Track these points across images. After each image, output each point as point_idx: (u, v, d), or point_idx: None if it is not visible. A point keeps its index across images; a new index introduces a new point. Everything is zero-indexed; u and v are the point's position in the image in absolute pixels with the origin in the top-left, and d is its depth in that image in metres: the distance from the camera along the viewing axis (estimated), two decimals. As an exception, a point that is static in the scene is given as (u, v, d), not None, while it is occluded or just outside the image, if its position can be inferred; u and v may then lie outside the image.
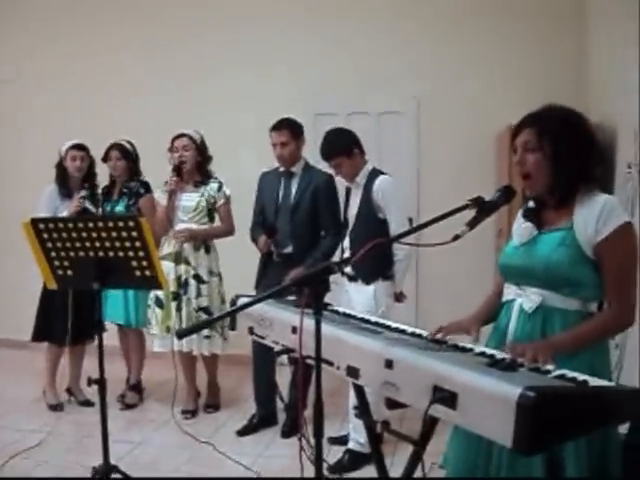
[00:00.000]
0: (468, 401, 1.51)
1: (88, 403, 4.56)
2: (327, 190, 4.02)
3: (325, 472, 3.48)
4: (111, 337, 4.54)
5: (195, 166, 4.33)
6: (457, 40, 5.25)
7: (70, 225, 2.91)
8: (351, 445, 3.72)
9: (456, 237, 1.94)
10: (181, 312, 4.24)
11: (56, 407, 4.53)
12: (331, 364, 1.93)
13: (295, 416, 4.19)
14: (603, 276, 1.94)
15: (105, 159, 4.57)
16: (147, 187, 4.59)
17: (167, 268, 4.19)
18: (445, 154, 5.30)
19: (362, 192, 3.71)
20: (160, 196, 4.36)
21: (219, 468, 3.61)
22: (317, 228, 4.06)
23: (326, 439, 3.93)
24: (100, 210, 4.54)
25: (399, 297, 3.84)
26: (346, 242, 3.83)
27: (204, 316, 4.25)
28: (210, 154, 4.41)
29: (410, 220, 4.10)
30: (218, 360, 4.57)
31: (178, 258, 4.26)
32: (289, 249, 3.98)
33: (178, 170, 4.24)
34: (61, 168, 4.53)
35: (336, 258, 3.91)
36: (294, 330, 2.12)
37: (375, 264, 3.61)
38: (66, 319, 4.25)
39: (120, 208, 4.51)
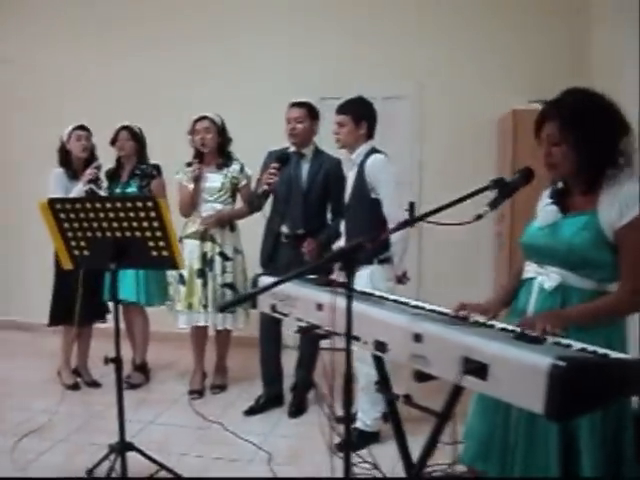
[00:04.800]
0: (499, 372, 1.57)
1: (95, 384, 4.63)
2: (337, 174, 4.09)
3: (333, 448, 3.57)
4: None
5: (216, 148, 4.42)
6: (459, 25, 5.29)
7: (87, 205, 2.94)
8: (358, 424, 3.78)
9: (478, 217, 2.01)
10: (207, 288, 4.35)
11: (73, 386, 4.60)
12: (358, 339, 1.99)
13: (302, 397, 4.27)
14: (620, 259, 2.00)
15: (113, 141, 4.58)
16: (159, 170, 4.63)
17: (192, 246, 4.37)
18: (448, 138, 5.36)
19: (356, 171, 3.70)
20: (182, 178, 4.44)
21: (229, 447, 3.67)
22: (325, 211, 4.16)
23: (334, 418, 4.00)
24: (106, 192, 4.53)
25: (401, 279, 3.86)
26: (342, 224, 3.87)
27: (229, 292, 4.39)
28: (230, 136, 4.49)
29: (412, 204, 4.14)
30: (230, 339, 4.65)
31: (203, 236, 4.38)
32: (301, 231, 4.04)
33: (200, 156, 4.37)
34: (64, 152, 4.54)
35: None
36: (319, 307, 2.18)
37: None
38: (80, 301, 4.25)
39: (132, 189, 4.54)
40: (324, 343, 2.23)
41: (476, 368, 1.60)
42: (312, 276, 2.47)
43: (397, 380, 2.53)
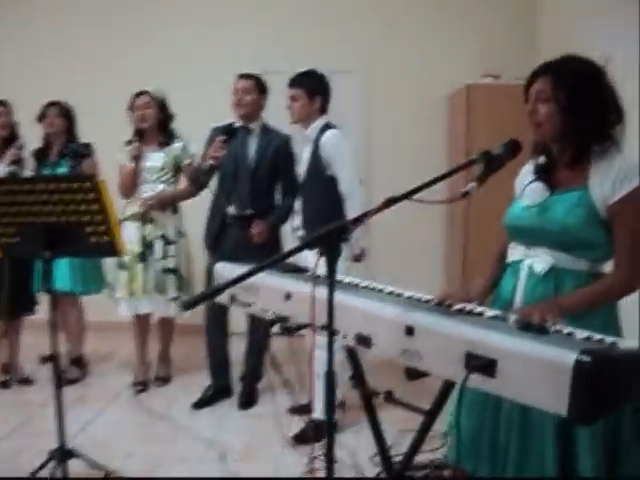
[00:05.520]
0: (509, 368, 1.39)
1: (27, 381, 4.27)
2: (287, 151, 3.88)
3: (290, 442, 3.39)
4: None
5: (157, 125, 4.15)
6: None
7: (15, 187, 2.62)
8: (316, 415, 3.58)
9: (465, 194, 1.82)
10: (148, 273, 4.08)
11: (3, 385, 4.24)
12: (336, 333, 1.77)
13: (252, 387, 4.06)
14: (614, 238, 1.86)
15: (41, 118, 4.21)
16: (89, 149, 4.28)
17: (132, 229, 4.08)
18: (396, 114, 5.23)
19: (312, 147, 3.54)
20: (122, 158, 4.12)
21: (179, 444, 3.43)
22: (274, 190, 3.92)
23: (286, 410, 3.81)
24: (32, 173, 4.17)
25: (359, 257, 3.68)
26: (297, 203, 3.68)
27: (171, 277, 4.13)
28: (172, 113, 4.22)
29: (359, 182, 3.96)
30: (174, 327, 4.40)
31: (144, 218, 4.10)
32: (249, 211, 3.80)
33: (140, 134, 4.10)
34: None
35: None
36: (288, 296, 1.97)
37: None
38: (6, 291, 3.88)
39: (63, 170, 4.17)
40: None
41: (483, 364, 1.42)
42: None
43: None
